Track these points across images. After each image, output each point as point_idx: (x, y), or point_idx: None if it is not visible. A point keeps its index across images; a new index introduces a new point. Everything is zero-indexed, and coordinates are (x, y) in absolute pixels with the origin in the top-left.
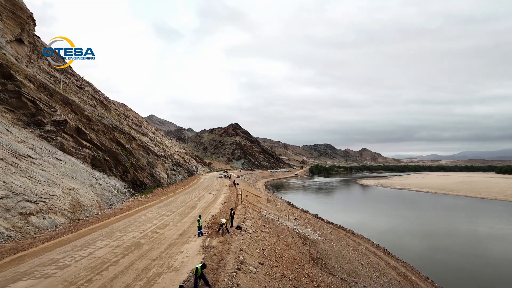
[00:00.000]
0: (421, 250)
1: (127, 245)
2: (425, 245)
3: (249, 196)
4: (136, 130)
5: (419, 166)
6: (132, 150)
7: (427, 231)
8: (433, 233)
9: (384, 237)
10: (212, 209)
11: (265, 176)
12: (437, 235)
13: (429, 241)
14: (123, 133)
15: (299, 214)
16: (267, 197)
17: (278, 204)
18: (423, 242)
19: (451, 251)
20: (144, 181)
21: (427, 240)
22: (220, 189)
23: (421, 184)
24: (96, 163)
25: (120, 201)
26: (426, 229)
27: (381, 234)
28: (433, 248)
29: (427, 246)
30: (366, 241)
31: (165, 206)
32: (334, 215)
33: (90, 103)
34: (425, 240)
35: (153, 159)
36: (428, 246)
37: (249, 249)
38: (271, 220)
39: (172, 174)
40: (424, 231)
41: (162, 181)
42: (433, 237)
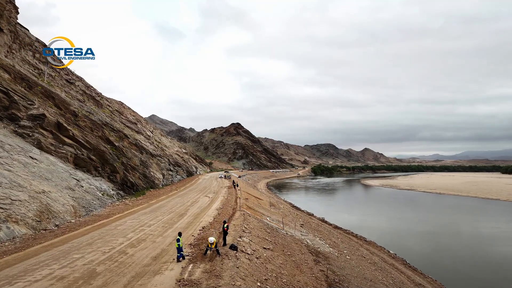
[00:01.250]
0: (447, 263)
1: (75, 277)
2: (448, 256)
3: (249, 200)
4: (130, 127)
5: (422, 166)
6: (123, 148)
7: (446, 237)
8: (454, 241)
9: (397, 244)
10: (205, 217)
11: (266, 176)
12: (459, 243)
13: (452, 250)
14: (114, 131)
15: (305, 219)
16: (270, 199)
17: (282, 207)
18: (444, 251)
19: (486, 265)
20: (136, 182)
21: (448, 249)
22: (218, 191)
23: (427, 184)
24: (80, 162)
25: (104, 205)
26: (444, 235)
27: (393, 240)
28: (458, 260)
29: (451, 257)
30: (381, 250)
31: (151, 212)
32: (340, 218)
33: (78, 98)
34: (446, 249)
35: (147, 159)
36: (452, 257)
37: (247, 282)
38: (275, 230)
39: (169, 174)
40: (442, 238)
41: (157, 182)
42: (456, 246)
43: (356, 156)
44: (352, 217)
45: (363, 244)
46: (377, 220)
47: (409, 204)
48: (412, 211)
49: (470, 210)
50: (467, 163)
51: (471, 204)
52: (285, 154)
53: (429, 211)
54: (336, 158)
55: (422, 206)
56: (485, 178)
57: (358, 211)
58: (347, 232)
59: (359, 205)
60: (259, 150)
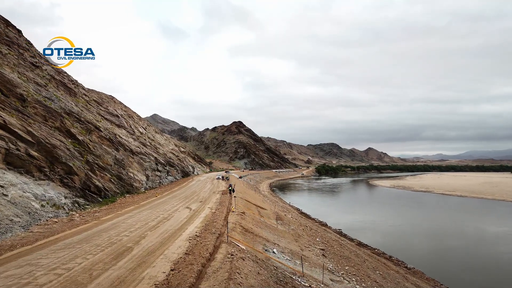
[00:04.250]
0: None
1: None
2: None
3: (247, 214)
4: (109, 120)
5: (428, 166)
6: (90, 143)
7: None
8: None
9: (449, 272)
10: (160, 260)
11: (269, 176)
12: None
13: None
14: (81, 121)
15: (322, 235)
16: (275, 207)
17: (290, 217)
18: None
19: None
20: (105, 186)
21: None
22: (208, 198)
23: (442, 185)
24: (15, 161)
25: (36, 221)
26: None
27: (443, 266)
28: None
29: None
30: (431, 282)
31: (80, 243)
32: (357, 226)
33: (38, 82)
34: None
35: (124, 157)
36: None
37: None
38: (289, 280)
39: (156, 175)
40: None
41: (137, 185)
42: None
43: (360, 156)
44: (372, 226)
45: (406, 276)
46: (403, 232)
47: (436, 209)
48: (444, 217)
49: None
50: (472, 162)
51: (506, 210)
52: (288, 154)
53: (465, 219)
54: (339, 157)
55: (451, 212)
56: (500, 178)
57: (377, 218)
58: (377, 252)
59: (375, 210)
60: (262, 149)
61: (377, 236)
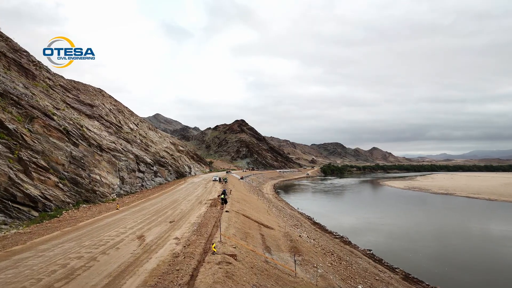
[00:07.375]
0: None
1: None
2: None
3: (245, 245)
4: (77, 109)
5: (435, 166)
6: (27, 135)
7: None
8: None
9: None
10: None
11: (273, 177)
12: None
13: None
14: (20, 106)
15: (353, 269)
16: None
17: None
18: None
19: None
20: (47, 195)
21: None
22: (186, 215)
23: (461, 186)
24: None
25: None
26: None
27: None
28: None
29: None
30: None
31: None
32: (390, 245)
33: None
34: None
35: (87, 154)
36: None
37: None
38: None
39: (136, 177)
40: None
41: (105, 191)
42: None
43: (365, 155)
44: (410, 246)
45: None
46: (466, 258)
47: (475, 217)
48: (493, 229)
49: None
50: (478, 162)
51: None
52: (292, 153)
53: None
54: (344, 157)
55: (497, 221)
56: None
57: (411, 230)
58: (415, 280)
59: (402, 219)
60: (265, 148)
61: (425, 258)
